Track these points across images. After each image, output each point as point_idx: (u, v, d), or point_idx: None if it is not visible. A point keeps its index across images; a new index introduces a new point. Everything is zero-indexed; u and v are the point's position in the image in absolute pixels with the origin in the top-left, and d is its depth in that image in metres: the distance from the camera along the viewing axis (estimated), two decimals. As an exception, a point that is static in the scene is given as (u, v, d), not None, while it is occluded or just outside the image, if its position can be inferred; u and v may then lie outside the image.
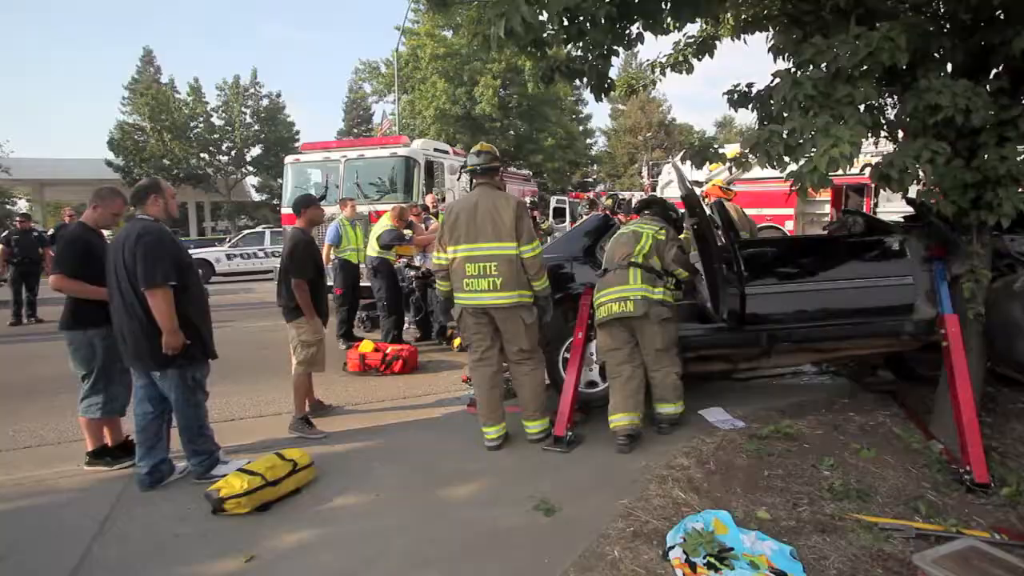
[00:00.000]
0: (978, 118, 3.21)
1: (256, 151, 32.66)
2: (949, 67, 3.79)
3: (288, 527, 3.26)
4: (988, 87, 3.46)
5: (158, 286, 3.50)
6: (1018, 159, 3.38)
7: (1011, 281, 4.02)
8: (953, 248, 4.01)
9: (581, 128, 37.00)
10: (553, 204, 18.71)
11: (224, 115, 31.36)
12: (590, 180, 41.82)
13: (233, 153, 31.89)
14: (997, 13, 3.45)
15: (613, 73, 4.52)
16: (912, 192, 3.91)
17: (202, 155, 30.55)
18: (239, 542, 3.10)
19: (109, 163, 28.60)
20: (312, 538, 3.16)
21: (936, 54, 3.72)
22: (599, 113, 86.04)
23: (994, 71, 3.66)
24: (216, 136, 31.08)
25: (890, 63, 3.20)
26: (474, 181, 4.22)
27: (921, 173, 3.36)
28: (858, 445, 3.91)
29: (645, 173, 31.17)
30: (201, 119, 30.43)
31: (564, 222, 16.48)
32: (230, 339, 7.98)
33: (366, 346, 6.64)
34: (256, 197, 38.52)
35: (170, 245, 3.66)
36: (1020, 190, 3.45)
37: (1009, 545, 2.84)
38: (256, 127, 32.07)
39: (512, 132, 29.26)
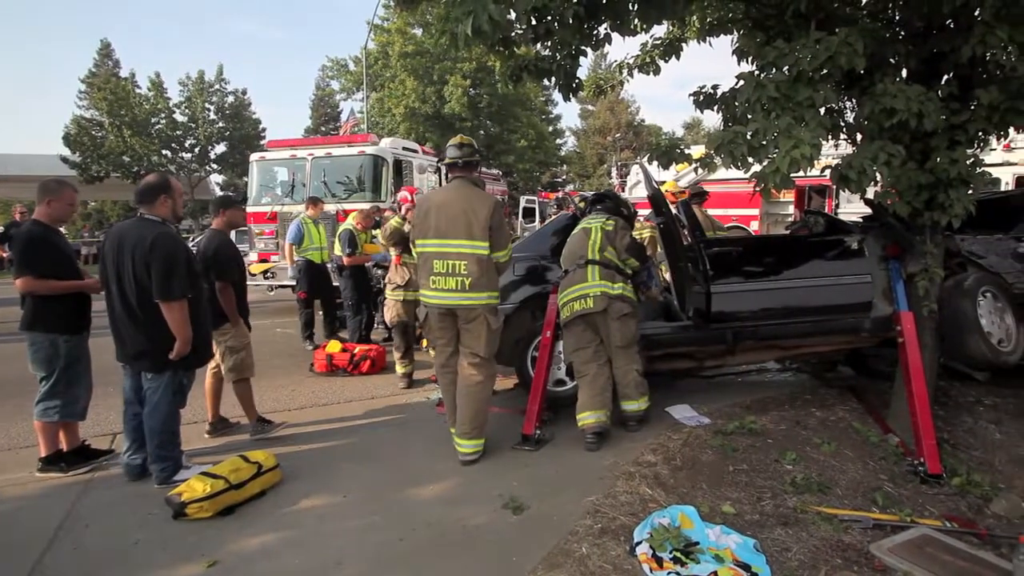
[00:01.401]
0: (930, 122, 3.32)
1: (221, 148, 31.96)
2: (904, 72, 3.92)
3: (253, 531, 3.20)
4: (939, 92, 3.59)
5: (174, 299, 3.50)
6: (967, 162, 3.52)
7: (962, 279, 4.18)
8: (908, 247, 4.15)
9: (551, 128, 37.16)
10: (523, 204, 18.77)
11: (187, 111, 30.60)
12: (560, 180, 42.03)
13: (197, 150, 31.15)
14: (947, 22, 3.57)
15: (582, 73, 4.55)
16: (870, 193, 4.04)
17: (164, 152, 29.73)
18: (201, 547, 3.02)
19: (64, 159, 27.61)
20: (277, 541, 3.10)
21: (892, 59, 3.85)
22: (569, 113, 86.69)
23: (945, 77, 3.79)
24: (179, 133, 30.29)
25: (848, 67, 3.30)
26: (450, 175, 4.07)
27: (878, 175, 3.47)
28: (819, 439, 4.01)
29: (614, 173, 31.45)
30: (163, 115, 29.63)
31: (534, 222, 16.54)
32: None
33: (333, 346, 6.56)
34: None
35: (184, 254, 3.64)
36: (969, 192, 3.59)
37: (958, 532, 2.96)
38: (221, 124, 31.36)
39: (482, 132, 29.21)
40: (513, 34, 3.77)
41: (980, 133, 3.64)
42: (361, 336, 7.14)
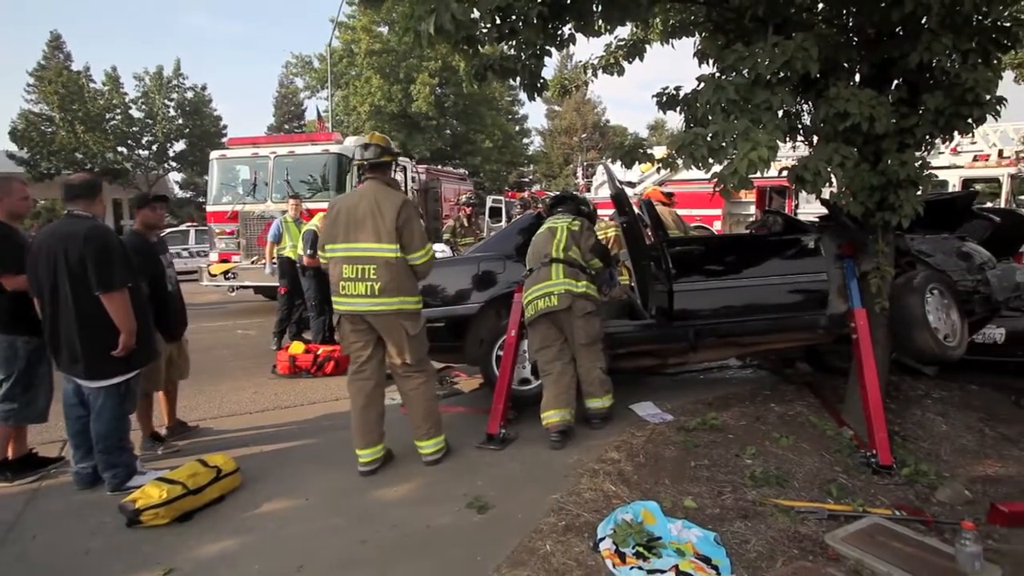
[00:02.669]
0: (881, 125, 3.44)
1: (180, 146, 31.11)
2: (857, 77, 4.04)
3: (211, 536, 3.12)
4: (890, 97, 3.72)
5: (117, 289, 3.40)
6: (916, 164, 3.66)
7: (911, 277, 4.34)
8: (861, 246, 4.28)
9: (517, 128, 37.25)
10: (489, 204, 18.78)
11: (144, 107, 29.67)
12: (526, 180, 42.17)
13: (154, 147, 30.23)
14: (897, 29, 3.70)
15: (548, 73, 4.58)
16: (826, 193, 4.16)
17: (120, 149, 28.78)
18: (157, 555, 2.94)
19: (11, 155, 26.49)
20: (237, 547, 3.04)
21: (845, 64, 3.97)
22: (535, 113, 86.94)
23: (895, 82, 3.93)
24: (135, 129, 29.35)
25: (804, 71, 3.39)
26: (363, 176, 3.90)
27: (833, 176, 3.57)
28: (778, 434, 4.10)
29: (580, 173, 31.71)
30: (119, 111, 28.67)
31: (500, 221, 16.57)
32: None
33: (296, 347, 6.46)
34: (180, 194, 36.70)
35: (119, 245, 3.56)
36: (918, 193, 3.73)
37: (907, 520, 3.07)
38: (180, 121, 30.51)
39: (449, 131, 29.11)
40: (477, 33, 3.77)
41: (927, 136, 3.78)
42: (324, 337, 7.03)
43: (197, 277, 11.41)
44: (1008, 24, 3.69)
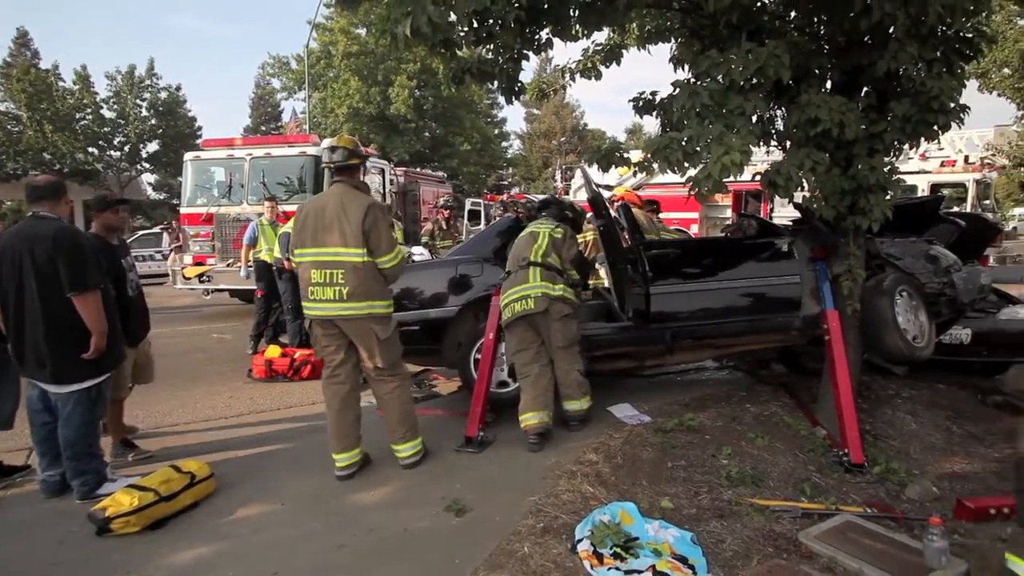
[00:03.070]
0: (851, 131, 3.53)
1: (153, 147, 30.55)
2: (828, 84, 4.13)
3: (185, 544, 3.07)
4: (859, 104, 3.81)
5: (89, 290, 3.34)
6: (885, 170, 3.74)
7: (881, 280, 4.43)
8: (833, 249, 4.36)
9: (496, 131, 37.27)
10: (468, 206, 18.76)
11: (116, 107, 29.09)
12: (505, 183, 42.21)
13: (127, 148, 29.65)
14: (866, 38, 3.79)
15: (527, 77, 4.60)
16: (799, 198, 4.24)
17: (90, 149, 28.16)
18: (127, 564, 2.89)
19: (-24, 155, 25.77)
20: (211, 553, 3.00)
21: (816, 71, 4.05)
22: (514, 116, 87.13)
23: (864, 89, 4.02)
24: (107, 129, 28.76)
25: (776, 77, 3.45)
26: (333, 179, 3.85)
27: (804, 181, 3.64)
28: (753, 434, 4.16)
29: (559, 177, 31.86)
30: (89, 110, 28.07)
31: (479, 224, 16.57)
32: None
33: (273, 351, 6.40)
34: (154, 196, 36.03)
35: (91, 247, 3.53)
36: (887, 197, 3.82)
37: (878, 517, 3.14)
38: (153, 121, 29.96)
39: (427, 134, 29.01)
40: (455, 36, 3.77)
41: (896, 142, 3.87)
42: (301, 341, 6.96)
43: (166, 281, 11.23)
44: (970, 35, 3.81)
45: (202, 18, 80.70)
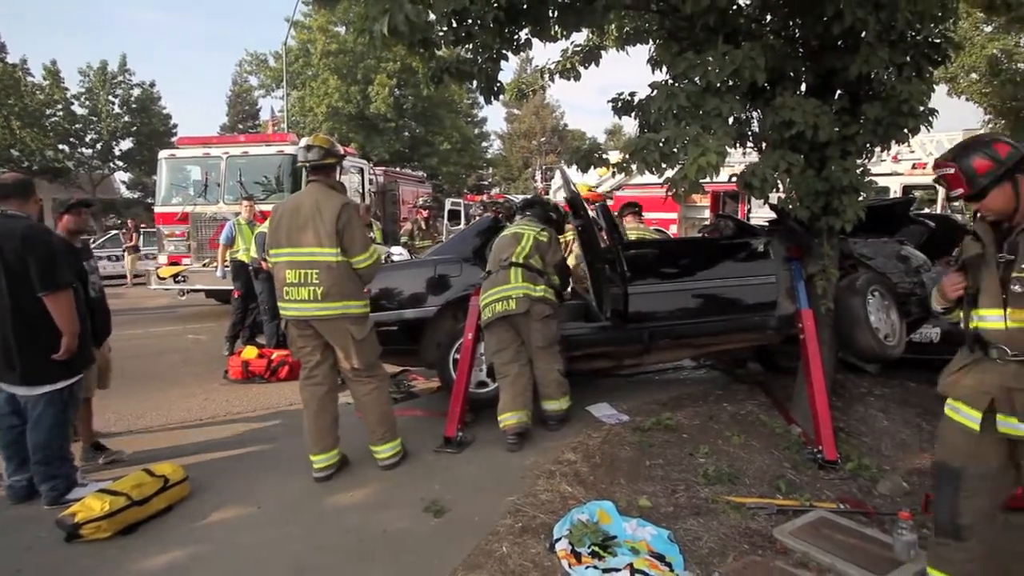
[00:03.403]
0: (824, 133, 3.59)
1: (127, 144, 29.98)
2: (803, 87, 4.20)
3: (158, 548, 3.02)
4: (833, 106, 3.88)
5: (61, 289, 3.29)
6: (857, 171, 3.82)
7: (854, 279, 4.52)
8: (808, 249, 4.44)
9: (476, 131, 37.24)
10: (448, 206, 18.73)
11: (88, 104, 28.49)
12: (485, 183, 42.20)
13: (99, 146, 29.06)
14: (839, 42, 3.86)
15: (507, 77, 4.60)
16: (774, 199, 4.29)
17: (61, 146, 27.55)
18: (97, 570, 2.83)
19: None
20: (186, 558, 2.95)
21: (791, 74, 4.12)
22: (494, 117, 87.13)
23: (838, 92, 4.09)
24: (78, 126, 28.16)
25: (751, 80, 3.50)
26: (308, 179, 3.81)
27: (779, 182, 3.70)
28: (730, 433, 4.20)
29: (539, 177, 31.94)
30: (60, 106, 27.44)
31: (459, 224, 16.54)
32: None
33: (250, 352, 6.31)
34: (128, 194, 35.36)
35: (59, 245, 3.46)
36: (860, 198, 3.89)
37: (850, 513, 3.20)
38: (126, 118, 29.41)
39: (407, 133, 28.88)
40: (433, 35, 3.76)
41: (868, 144, 3.95)
42: (279, 341, 6.88)
43: (144, 281, 11.04)
44: (938, 40, 3.90)
45: (174, 14, 79.30)
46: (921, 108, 3.69)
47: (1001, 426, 2.11)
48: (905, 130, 3.77)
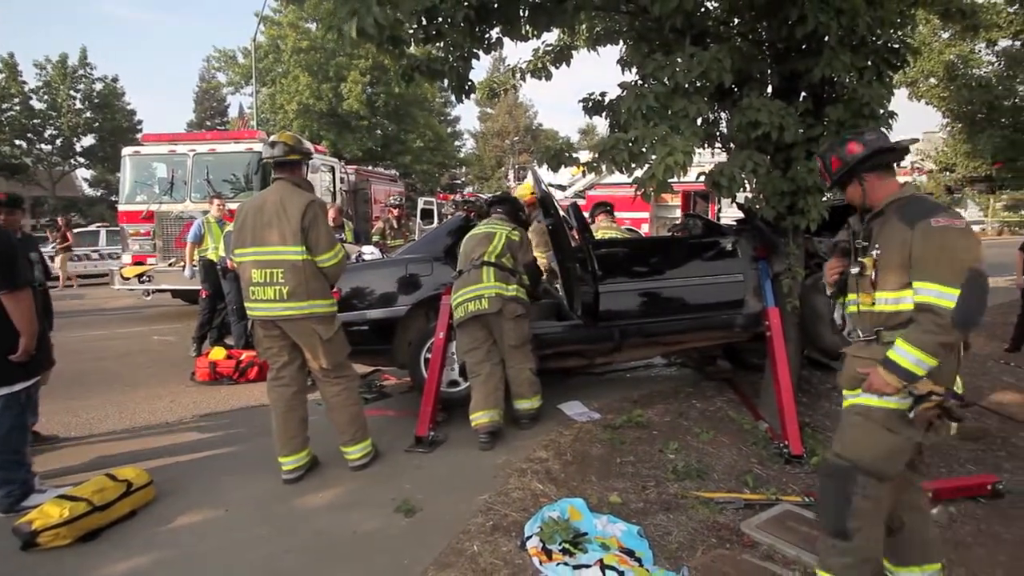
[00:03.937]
0: (789, 135, 3.66)
1: (89, 141, 29.14)
2: (769, 89, 4.28)
3: (121, 555, 2.94)
4: (797, 108, 3.96)
5: (19, 288, 3.22)
6: (821, 172, 3.89)
7: (818, 278, 4.60)
8: (774, 249, 4.52)
9: (450, 130, 37.10)
10: (421, 205, 18.61)
11: (47, 98, 27.61)
12: (458, 182, 42.07)
13: (59, 142, 28.20)
14: (803, 45, 3.95)
15: (480, 76, 4.60)
16: (742, 198, 4.37)
17: (18, 142, 26.67)
18: (57, 577, 2.75)
19: None
20: (149, 563, 2.88)
21: (757, 76, 4.19)
22: (468, 115, 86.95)
23: (802, 94, 4.18)
24: (36, 121, 27.27)
25: (719, 81, 3.57)
26: (273, 176, 3.74)
27: (747, 181, 3.77)
28: (699, 429, 4.27)
29: (512, 176, 31.97)
30: (16, 100, 26.53)
31: (432, 223, 16.45)
32: (59, 350, 7.04)
33: (218, 353, 6.18)
34: (89, 192, 34.41)
35: (16, 245, 3.39)
36: (824, 198, 3.98)
37: (815, 505, 3.26)
38: (88, 114, 28.59)
39: (380, 131, 28.61)
40: (403, 34, 3.74)
41: (831, 146, 4.03)
42: (247, 342, 6.77)
43: (108, 280, 10.74)
44: (898, 46, 4.02)
45: (138, 7, 77.31)
46: (881, 111, 3.80)
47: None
48: (866, 132, 3.87)
